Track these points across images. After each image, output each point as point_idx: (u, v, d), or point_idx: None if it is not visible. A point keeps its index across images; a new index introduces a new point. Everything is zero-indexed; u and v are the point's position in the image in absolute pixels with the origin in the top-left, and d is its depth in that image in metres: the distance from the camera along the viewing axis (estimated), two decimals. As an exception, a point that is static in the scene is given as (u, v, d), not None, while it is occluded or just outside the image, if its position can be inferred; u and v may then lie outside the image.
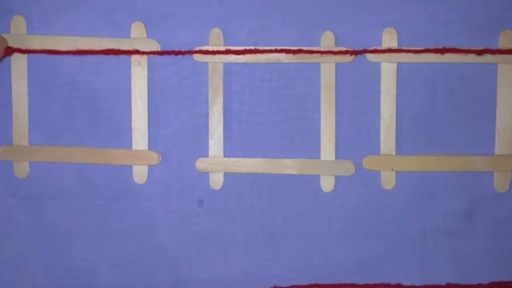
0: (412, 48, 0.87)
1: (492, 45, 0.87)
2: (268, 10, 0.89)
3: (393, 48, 0.87)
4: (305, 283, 0.91)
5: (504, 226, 0.90)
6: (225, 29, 0.89)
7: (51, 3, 0.89)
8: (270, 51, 0.88)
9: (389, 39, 0.88)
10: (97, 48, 0.88)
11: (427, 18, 0.88)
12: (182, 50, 0.88)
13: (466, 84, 0.89)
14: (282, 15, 0.89)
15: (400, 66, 0.88)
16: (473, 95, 0.89)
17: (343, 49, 0.87)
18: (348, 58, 0.88)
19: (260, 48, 0.88)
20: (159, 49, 0.89)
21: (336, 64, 0.88)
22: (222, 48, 0.88)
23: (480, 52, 0.86)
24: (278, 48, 0.88)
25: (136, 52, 0.88)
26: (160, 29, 0.89)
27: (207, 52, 0.88)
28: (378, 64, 0.88)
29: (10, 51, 0.87)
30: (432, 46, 0.87)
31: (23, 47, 0.88)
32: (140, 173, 0.91)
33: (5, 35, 0.87)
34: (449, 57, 0.87)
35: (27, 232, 0.92)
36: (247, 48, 0.88)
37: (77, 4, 0.89)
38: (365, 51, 0.88)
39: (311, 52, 0.87)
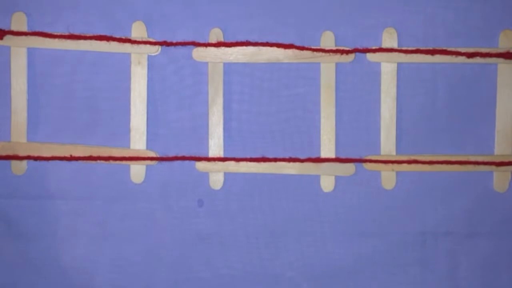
0: (412, 48, 0.87)
1: (492, 45, 0.87)
2: (268, 10, 0.89)
3: (393, 48, 0.87)
4: (305, 283, 0.91)
5: (504, 226, 0.90)
6: (225, 29, 0.89)
7: (52, 1, 0.89)
8: (262, 44, 0.88)
9: (389, 39, 0.88)
10: (97, 47, 0.88)
11: (427, 19, 0.88)
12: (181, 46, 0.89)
13: (466, 84, 0.89)
14: (282, 15, 0.89)
15: (400, 66, 0.88)
16: (473, 95, 0.89)
17: (343, 49, 0.87)
18: (348, 58, 0.88)
19: (251, 41, 0.88)
20: (159, 50, 0.89)
21: (336, 64, 0.88)
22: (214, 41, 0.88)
23: (483, 55, 0.87)
24: (270, 42, 0.88)
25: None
26: (160, 29, 0.89)
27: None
28: (378, 64, 0.88)
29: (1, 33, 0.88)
30: (431, 47, 0.87)
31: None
32: (137, 173, 0.90)
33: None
34: (449, 57, 0.87)
35: (24, 231, 0.92)
36: (239, 41, 0.88)
37: (78, 3, 0.89)
38: (365, 51, 0.88)
39: (311, 50, 0.87)
